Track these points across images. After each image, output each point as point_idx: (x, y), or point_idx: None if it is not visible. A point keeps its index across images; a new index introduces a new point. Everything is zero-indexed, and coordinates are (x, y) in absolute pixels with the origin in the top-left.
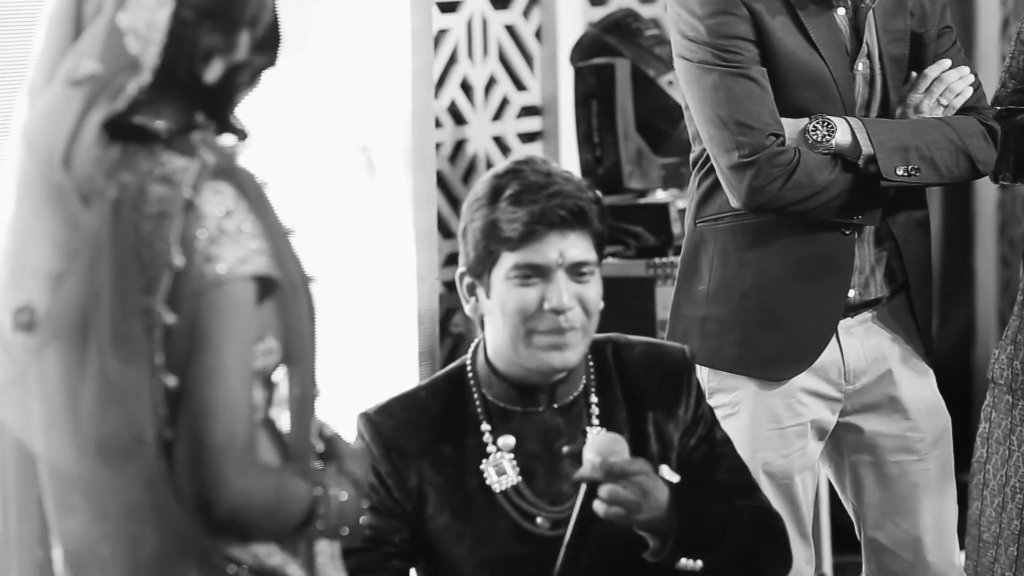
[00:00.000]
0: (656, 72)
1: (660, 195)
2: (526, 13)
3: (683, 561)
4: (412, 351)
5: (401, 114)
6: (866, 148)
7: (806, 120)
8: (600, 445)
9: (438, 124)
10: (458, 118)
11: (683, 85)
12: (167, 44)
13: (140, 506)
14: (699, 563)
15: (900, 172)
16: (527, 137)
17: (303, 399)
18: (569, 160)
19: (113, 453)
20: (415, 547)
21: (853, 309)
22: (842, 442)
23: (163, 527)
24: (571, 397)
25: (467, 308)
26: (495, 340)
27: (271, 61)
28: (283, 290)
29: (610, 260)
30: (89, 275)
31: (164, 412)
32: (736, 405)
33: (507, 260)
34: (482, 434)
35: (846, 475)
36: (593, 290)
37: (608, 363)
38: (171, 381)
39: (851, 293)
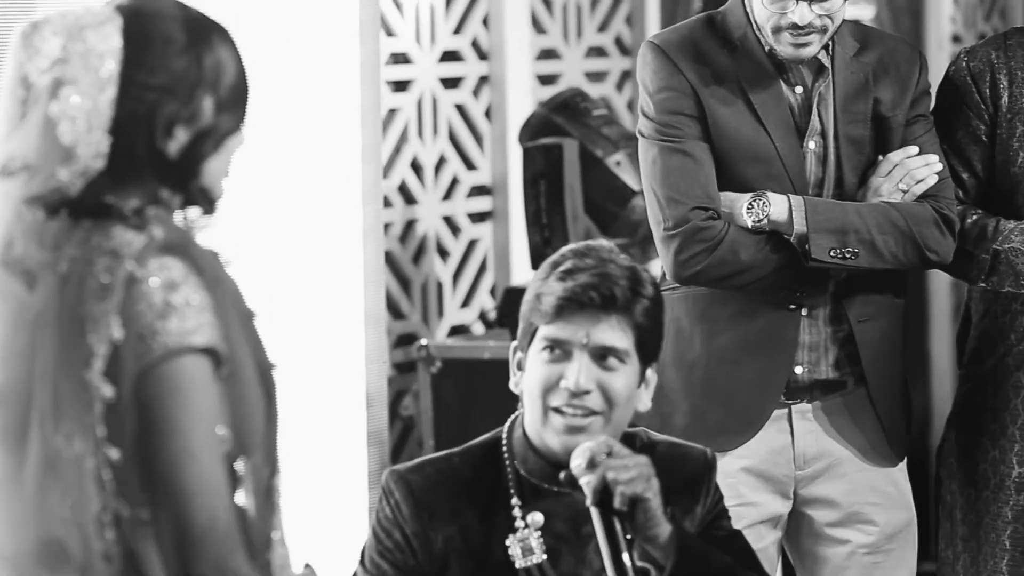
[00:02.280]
0: (604, 152)
1: None
2: (476, 92)
3: None
4: (360, 433)
5: (351, 193)
6: (799, 227)
7: (749, 196)
8: (584, 448)
9: (388, 203)
10: (408, 197)
11: (640, 160)
12: (119, 124)
13: None
14: None
15: (833, 254)
16: (477, 217)
17: (258, 492)
18: (520, 241)
19: (52, 548)
20: None
21: (808, 391)
22: (798, 531)
23: None
24: None
25: (512, 383)
26: (526, 414)
27: (240, 121)
28: (232, 373)
29: None
30: (31, 352)
31: (112, 487)
32: None
33: (540, 334)
34: (512, 508)
35: (803, 564)
36: (620, 380)
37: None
38: (114, 454)
39: (799, 370)
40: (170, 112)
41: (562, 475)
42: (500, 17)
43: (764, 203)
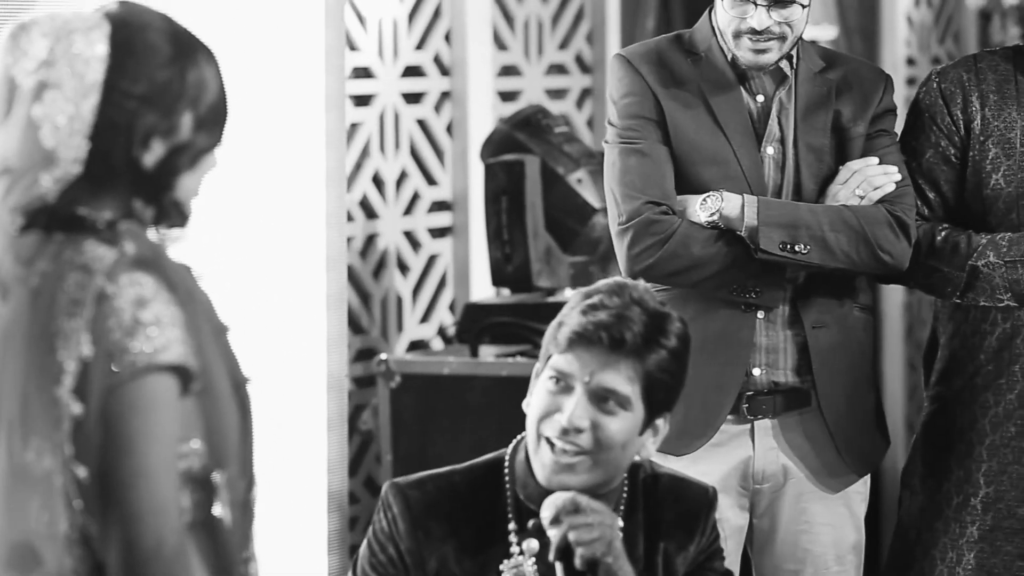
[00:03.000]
0: (566, 169)
1: (568, 293)
2: (438, 107)
3: None
4: (321, 455)
5: (315, 215)
6: (750, 220)
7: (704, 194)
8: (550, 501)
9: (350, 218)
10: (369, 212)
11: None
12: (99, 132)
13: None
14: None
15: (783, 248)
16: (438, 232)
17: (234, 505)
18: (480, 256)
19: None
20: None
21: (770, 398)
22: (750, 543)
23: None
24: None
25: (525, 403)
26: (527, 437)
27: (215, 141)
28: (205, 387)
29: (518, 359)
30: (1, 366)
31: (80, 505)
32: None
33: (551, 362)
34: (508, 533)
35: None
36: (616, 424)
37: (638, 488)
38: (81, 472)
39: (756, 372)
40: (149, 123)
41: (530, 523)
42: (462, 33)
43: (717, 199)
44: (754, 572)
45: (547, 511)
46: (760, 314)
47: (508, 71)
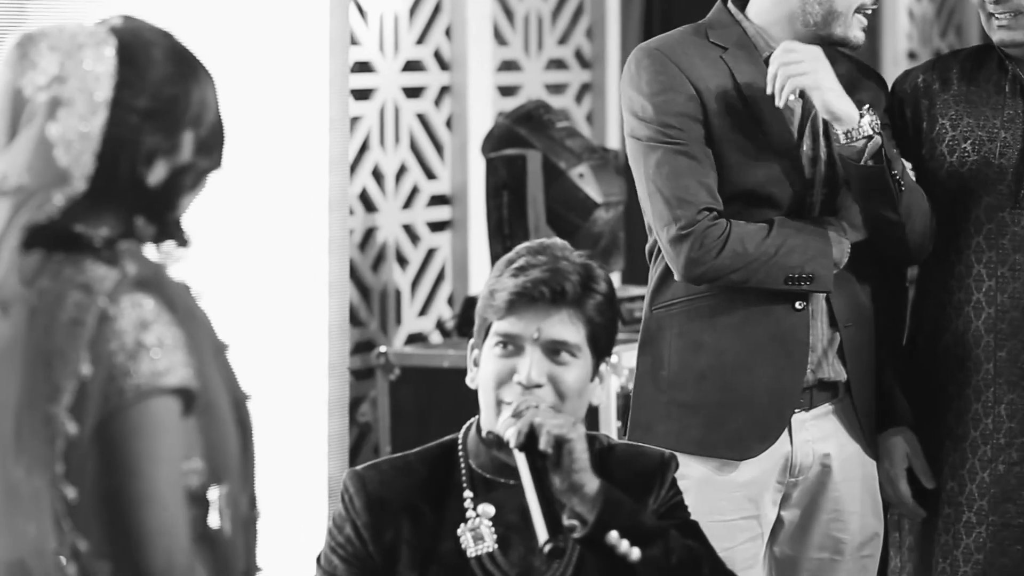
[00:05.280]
0: (567, 164)
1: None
2: (437, 102)
3: (616, 537)
4: (322, 442)
5: (318, 202)
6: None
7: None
8: (514, 404)
9: (350, 211)
10: (369, 205)
11: (632, 163)
12: (106, 149)
13: None
14: (635, 551)
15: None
16: (436, 226)
17: (235, 520)
18: (478, 250)
19: (15, 571)
20: None
21: (808, 394)
22: (775, 535)
23: None
24: None
25: (468, 378)
26: (481, 410)
27: (216, 163)
28: (206, 406)
29: None
30: None
31: (68, 525)
32: (684, 493)
33: (493, 329)
34: (463, 500)
35: (768, 565)
36: (572, 374)
37: (594, 457)
38: (71, 492)
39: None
40: (153, 142)
41: (485, 433)
42: (462, 28)
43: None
44: (769, 562)
45: (508, 410)
46: (809, 311)
47: (508, 66)
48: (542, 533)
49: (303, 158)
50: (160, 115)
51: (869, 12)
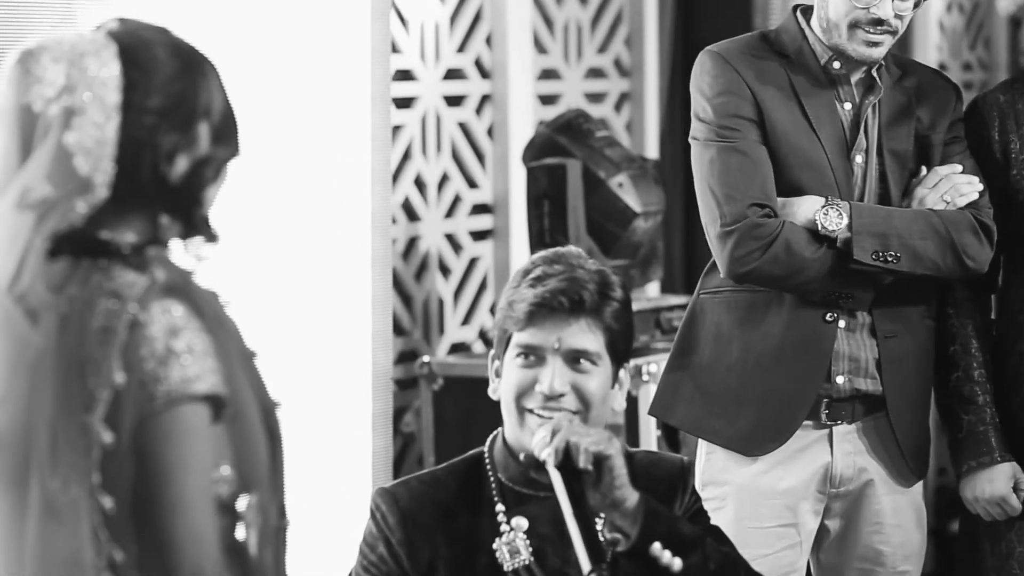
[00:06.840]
0: (607, 173)
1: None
2: (479, 111)
3: (659, 549)
4: (366, 454)
5: (360, 215)
6: (844, 229)
7: (822, 201)
8: (545, 425)
9: (392, 220)
10: (411, 214)
11: (692, 165)
12: (124, 153)
13: None
14: (677, 561)
15: (875, 257)
16: (478, 235)
17: (263, 530)
18: (520, 259)
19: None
20: None
21: (849, 404)
22: (819, 544)
23: None
24: None
25: (490, 390)
26: (505, 421)
27: (234, 151)
28: (235, 414)
29: None
30: (31, 394)
31: (105, 535)
32: (724, 499)
33: (514, 340)
34: (496, 514)
35: (814, 572)
36: (594, 381)
37: (630, 468)
38: (108, 502)
39: (840, 379)
40: (171, 138)
41: (522, 455)
42: (503, 36)
43: (837, 210)
44: (814, 569)
45: (542, 432)
46: (841, 323)
47: (548, 75)
48: (585, 563)
49: (346, 169)
50: (173, 111)
51: (871, 32)
